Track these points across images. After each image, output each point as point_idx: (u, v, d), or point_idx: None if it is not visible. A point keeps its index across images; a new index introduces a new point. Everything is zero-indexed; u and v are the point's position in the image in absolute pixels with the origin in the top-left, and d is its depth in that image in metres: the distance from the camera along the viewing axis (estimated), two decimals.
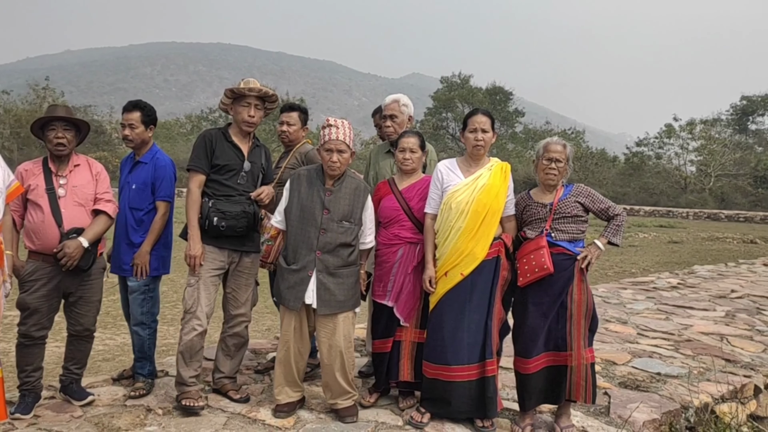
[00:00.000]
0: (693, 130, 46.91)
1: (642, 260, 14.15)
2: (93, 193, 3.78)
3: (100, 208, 3.76)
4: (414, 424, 3.62)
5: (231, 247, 3.87)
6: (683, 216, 33.37)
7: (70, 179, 3.73)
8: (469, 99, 51.39)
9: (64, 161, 3.76)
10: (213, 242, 3.81)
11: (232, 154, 3.89)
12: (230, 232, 3.78)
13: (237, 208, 3.79)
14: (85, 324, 3.84)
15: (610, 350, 5.38)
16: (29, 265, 3.63)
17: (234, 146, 3.91)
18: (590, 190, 3.76)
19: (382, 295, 3.87)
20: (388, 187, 3.97)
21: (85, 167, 3.83)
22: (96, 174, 3.84)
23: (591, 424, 3.78)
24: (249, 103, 3.89)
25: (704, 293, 8.51)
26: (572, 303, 3.60)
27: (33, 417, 3.59)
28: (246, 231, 3.86)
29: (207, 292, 3.79)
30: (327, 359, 3.69)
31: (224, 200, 3.81)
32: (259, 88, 3.88)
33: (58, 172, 3.72)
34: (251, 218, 3.84)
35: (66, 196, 3.68)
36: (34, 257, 3.64)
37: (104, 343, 6.30)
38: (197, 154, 3.86)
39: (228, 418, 3.68)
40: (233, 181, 3.86)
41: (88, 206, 3.74)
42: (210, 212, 3.75)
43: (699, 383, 4.56)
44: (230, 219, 3.76)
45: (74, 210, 3.68)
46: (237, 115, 3.92)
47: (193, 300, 3.76)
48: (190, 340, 3.74)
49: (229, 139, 3.92)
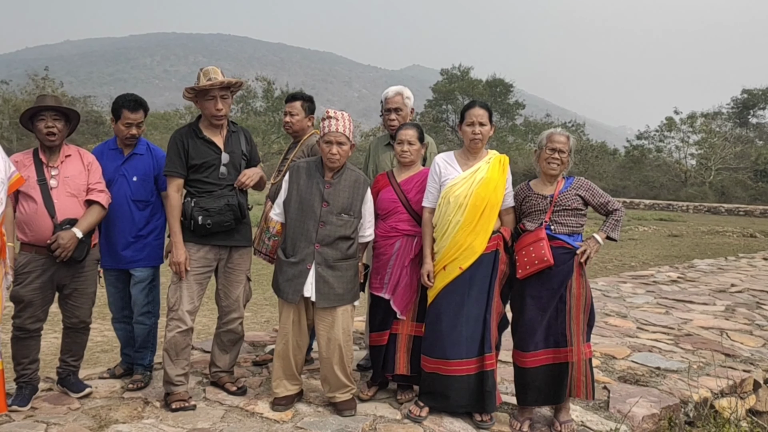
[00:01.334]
0: (694, 124, 46.86)
1: (642, 253, 14.14)
2: (85, 184, 3.74)
3: (93, 199, 3.73)
4: (412, 417, 3.60)
5: (219, 243, 3.79)
6: (683, 209, 33.35)
7: (61, 170, 3.69)
8: (469, 91, 51.28)
9: (55, 152, 3.72)
10: (200, 240, 3.72)
11: (207, 150, 3.77)
12: (217, 228, 3.70)
13: (220, 203, 3.70)
14: (80, 316, 3.82)
15: (609, 344, 5.37)
16: (22, 257, 3.59)
17: (207, 141, 3.78)
18: (591, 183, 3.73)
19: (379, 288, 3.85)
20: (387, 179, 3.94)
21: (76, 157, 3.79)
22: (88, 164, 3.80)
23: (590, 418, 3.77)
24: (214, 96, 3.73)
25: (704, 287, 8.49)
26: (571, 297, 3.58)
27: (30, 409, 3.58)
28: (234, 224, 3.77)
29: (190, 291, 3.72)
30: (326, 352, 3.67)
31: (206, 197, 3.71)
32: (220, 81, 3.72)
33: (49, 162, 3.69)
34: (237, 210, 3.74)
35: (58, 186, 3.65)
36: (26, 249, 3.60)
37: (103, 335, 6.29)
38: (171, 158, 3.74)
39: (226, 411, 3.67)
40: (213, 177, 3.75)
41: (80, 197, 3.71)
42: (193, 211, 3.66)
43: (698, 378, 4.55)
44: (215, 215, 3.67)
45: (67, 201, 3.64)
46: (204, 110, 3.78)
47: (176, 299, 3.70)
48: (173, 337, 3.68)
49: (200, 135, 3.78)
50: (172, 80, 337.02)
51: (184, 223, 3.71)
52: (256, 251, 4.27)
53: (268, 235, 3.98)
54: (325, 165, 3.69)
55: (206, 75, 3.74)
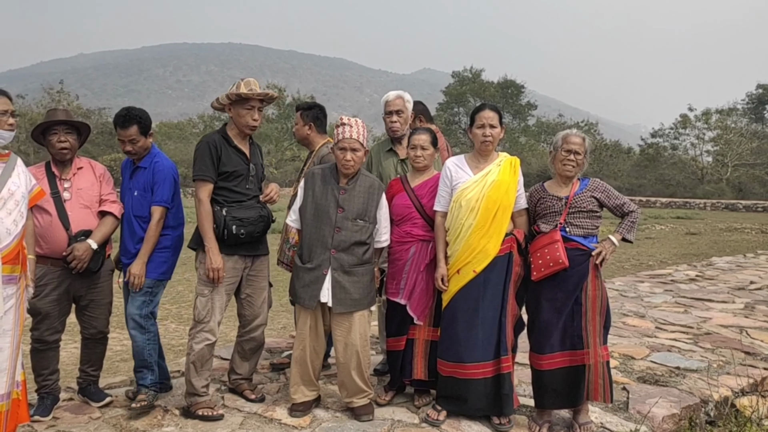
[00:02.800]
0: (709, 120, 46.45)
1: (659, 252, 14.02)
2: (98, 195, 3.78)
3: (106, 210, 3.76)
4: (430, 421, 3.60)
5: (246, 253, 3.80)
6: (700, 207, 33.06)
7: (74, 182, 3.74)
8: (481, 93, 51.21)
9: (67, 165, 3.77)
10: (228, 250, 3.70)
11: (238, 160, 3.77)
12: (249, 238, 3.71)
13: (253, 213, 3.72)
14: (98, 327, 3.86)
15: (628, 345, 5.33)
16: (38, 270, 3.58)
17: (238, 151, 3.79)
18: (606, 185, 3.72)
19: (395, 293, 3.86)
20: (401, 184, 3.95)
21: (88, 169, 3.84)
22: (99, 176, 3.85)
23: (610, 420, 3.74)
24: (252, 107, 3.75)
25: (723, 285, 8.41)
26: (587, 299, 3.56)
27: (52, 419, 3.62)
28: (262, 235, 3.83)
29: (221, 302, 3.73)
30: (343, 358, 3.68)
31: (237, 207, 3.71)
32: (265, 93, 3.76)
33: (61, 175, 3.74)
34: (267, 221, 3.81)
35: (71, 199, 3.69)
36: (42, 262, 3.60)
37: (122, 344, 6.34)
38: (203, 162, 3.68)
39: (244, 417, 3.68)
40: (242, 187, 3.76)
41: (93, 208, 3.74)
42: (227, 221, 3.64)
43: (719, 377, 4.50)
44: (248, 225, 3.68)
45: (80, 213, 3.69)
46: (240, 118, 3.76)
47: (207, 311, 3.68)
48: (201, 350, 3.66)
49: (232, 144, 3.78)
50: (184, 90, 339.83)
51: (215, 232, 3.67)
52: (279, 262, 4.30)
53: (288, 246, 4.02)
54: (339, 171, 3.71)
55: (247, 85, 3.73)
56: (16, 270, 3.13)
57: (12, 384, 3.06)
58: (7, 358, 3.03)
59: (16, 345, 3.09)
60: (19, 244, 3.14)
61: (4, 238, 3.01)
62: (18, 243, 3.12)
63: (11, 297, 3.09)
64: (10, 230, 3.04)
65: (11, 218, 3.06)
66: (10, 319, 3.07)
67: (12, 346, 3.05)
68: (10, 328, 3.06)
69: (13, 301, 3.08)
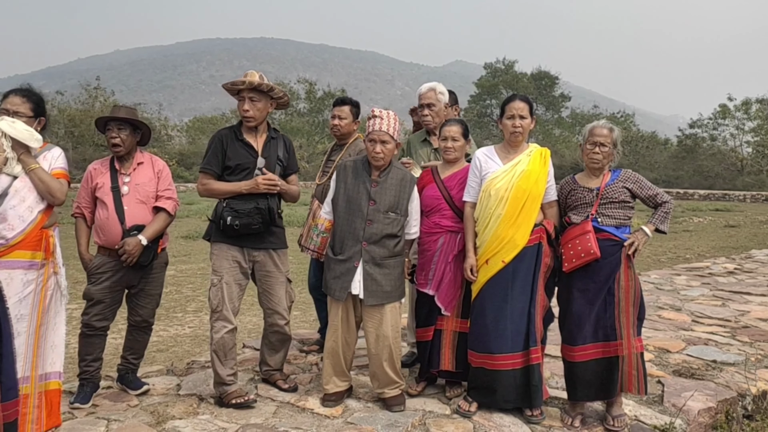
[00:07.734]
0: (749, 110, 45.15)
1: (697, 245, 13.75)
2: (155, 191, 3.86)
3: (160, 206, 3.85)
4: (462, 413, 3.61)
5: (251, 246, 3.82)
6: (740, 199, 32.26)
7: (133, 177, 3.84)
8: (514, 85, 50.75)
9: (128, 159, 3.87)
10: (230, 241, 3.77)
11: (244, 153, 3.81)
12: (245, 230, 3.71)
13: (250, 205, 3.71)
14: (144, 315, 3.97)
15: (663, 338, 5.26)
16: (97, 259, 3.79)
17: (245, 144, 3.83)
18: (638, 176, 3.67)
19: (423, 284, 3.87)
20: (431, 175, 3.95)
21: (148, 165, 3.93)
22: (158, 171, 3.93)
23: (644, 413, 3.70)
24: (243, 97, 3.80)
25: (762, 278, 8.22)
26: (620, 290, 3.52)
27: (91, 406, 3.72)
28: (262, 228, 3.76)
29: (230, 291, 3.77)
30: (374, 349, 3.71)
31: (237, 198, 3.74)
32: (242, 81, 3.77)
33: (122, 170, 3.84)
34: (266, 214, 3.73)
35: (129, 193, 3.79)
36: (101, 252, 3.79)
37: (158, 335, 6.47)
38: (210, 155, 3.81)
39: (277, 407, 3.74)
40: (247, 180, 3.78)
41: (149, 203, 3.83)
42: (223, 211, 3.70)
43: (756, 370, 4.42)
44: (243, 216, 3.68)
45: (136, 207, 3.78)
46: (238, 110, 3.88)
47: (218, 300, 3.76)
48: (221, 338, 3.73)
49: (240, 138, 3.84)
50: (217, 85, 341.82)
51: (214, 222, 3.80)
52: (303, 248, 4.33)
53: (317, 232, 4.01)
54: (371, 164, 3.73)
55: (246, 77, 3.82)
56: (37, 256, 3.22)
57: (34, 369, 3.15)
58: (23, 342, 3.11)
59: (34, 331, 3.16)
60: (39, 230, 3.22)
61: (18, 225, 3.12)
62: (35, 229, 3.20)
63: (31, 282, 3.16)
64: (24, 217, 3.16)
65: (25, 204, 3.18)
66: (28, 304, 3.16)
67: (28, 331, 3.13)
68: (27, 313, 3.15)
69: (33, 287, 3.16)
